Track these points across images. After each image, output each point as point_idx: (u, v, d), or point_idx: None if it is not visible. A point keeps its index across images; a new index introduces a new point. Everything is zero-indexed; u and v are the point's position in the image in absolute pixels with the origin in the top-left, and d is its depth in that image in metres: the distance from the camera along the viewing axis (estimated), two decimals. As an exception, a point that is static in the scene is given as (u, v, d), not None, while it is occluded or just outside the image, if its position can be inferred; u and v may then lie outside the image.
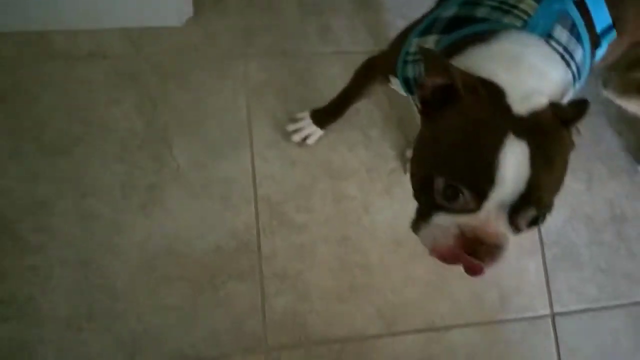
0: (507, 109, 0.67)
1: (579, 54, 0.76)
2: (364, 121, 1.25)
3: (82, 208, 1.15)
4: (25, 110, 1.16)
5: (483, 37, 0.72)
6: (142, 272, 1.14)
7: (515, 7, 0.75)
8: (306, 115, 1.21)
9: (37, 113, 1.16)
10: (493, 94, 0.67)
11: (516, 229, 0.68)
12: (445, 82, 0.67)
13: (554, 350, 1.22)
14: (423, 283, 1.21)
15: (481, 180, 0.65)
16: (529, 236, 1.26)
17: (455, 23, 0.77)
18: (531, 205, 0.66)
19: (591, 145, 1.34)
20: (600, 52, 0.83)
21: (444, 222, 0.68)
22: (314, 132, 1.21)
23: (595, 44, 0.80)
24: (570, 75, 0.75)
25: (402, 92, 0.90)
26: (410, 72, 0.84)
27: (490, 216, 0.66)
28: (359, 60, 1.02)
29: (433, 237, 0.70)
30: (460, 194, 0.66)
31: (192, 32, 1.24)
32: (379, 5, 1.31)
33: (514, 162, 0.64)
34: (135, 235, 1.15)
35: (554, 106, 0.68)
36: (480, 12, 0.76)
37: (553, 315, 1.23)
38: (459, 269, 0.70)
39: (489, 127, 0.66)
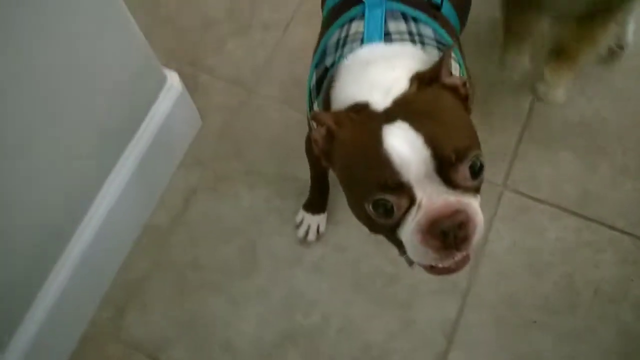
0: (374, 113, 0.70)
1: (428, 31, 0.83)
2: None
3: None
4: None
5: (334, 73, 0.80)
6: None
7: (347, 36, 0.82)
8: (301, 212, 1.28)
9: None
10: (360, 111, 0.71)
11: (463, 187, 0.66)
12: (325, 128, 0.72)
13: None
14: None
15: (387, 176, 0.64)
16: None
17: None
18: (452, 159, 0.64)
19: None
20: (450, 12, 0.91)
21: (407, 231, 0.67)
22: (320, 220, 1.27)
23: (437, 8, 0.87)
24: (433, 50, 0.81)
25: None
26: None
27: (428, 195, 0.65)
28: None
29: (415, 250, 0.67)
30: (388, 202, 0.65)
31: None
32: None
33: (398, 139, 0.64)
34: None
35: (417, 76, 0.72)
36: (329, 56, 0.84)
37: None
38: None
39: (366, 136, 0.67)
